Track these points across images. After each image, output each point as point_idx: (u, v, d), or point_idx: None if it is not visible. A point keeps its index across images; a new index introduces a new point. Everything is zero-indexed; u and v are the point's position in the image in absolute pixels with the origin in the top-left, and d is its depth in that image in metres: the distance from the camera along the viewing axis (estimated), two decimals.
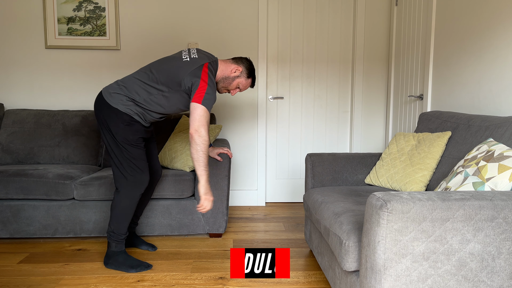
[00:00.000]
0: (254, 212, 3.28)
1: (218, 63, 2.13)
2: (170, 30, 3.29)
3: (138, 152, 2.06)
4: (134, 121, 2.04)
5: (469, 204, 1.19)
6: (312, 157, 2.34)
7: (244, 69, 2.16)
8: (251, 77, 2.19)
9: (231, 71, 2.13)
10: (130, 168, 2.05)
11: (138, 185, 2.08)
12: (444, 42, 2.56)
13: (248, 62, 2.18)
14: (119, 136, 2.01)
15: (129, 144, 2.03)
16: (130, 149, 2.03)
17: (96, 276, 2.05)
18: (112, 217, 2.10)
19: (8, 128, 3.00)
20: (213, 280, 2.02)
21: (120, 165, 2.04)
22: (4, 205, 2.45)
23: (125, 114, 2.01)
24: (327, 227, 1.68)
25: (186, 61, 2.03)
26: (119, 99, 2.01)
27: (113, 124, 2.00)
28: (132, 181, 2.06)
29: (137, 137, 2.05)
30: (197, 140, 1.91)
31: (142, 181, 2.09)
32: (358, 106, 3.50)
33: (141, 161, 2.07)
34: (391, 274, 1.21)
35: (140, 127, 2.06)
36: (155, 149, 2.35)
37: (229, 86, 2.17)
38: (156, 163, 2.35)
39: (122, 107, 2.00)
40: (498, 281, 1.23)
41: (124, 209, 2.09)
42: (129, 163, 2.04)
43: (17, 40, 3.22)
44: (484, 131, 1.80)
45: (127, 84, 2.04)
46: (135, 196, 2.09)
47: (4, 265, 2.18)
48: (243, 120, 3.44)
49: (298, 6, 3.42)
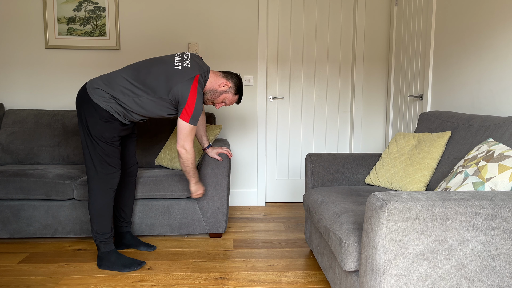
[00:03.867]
0: (254, 212, 3.28)
1: (209, 74, 2.14)
2: (170, 30, 3.29)
3: (111, 150, 2.06)
4: (113, 119, 2.03)
5: (469, 204, 1.19)
6: (312, 157, 2.34)
7: (233, 85, 2.17)
8: (238, 94, 2.21)
9: (219, 85, 2.14)
10: (101, 164, 2.05)
11: (108, 181, 2.08)
12: (444, 42, 2.56)
13: (238, 78, 2.20)
14: (95, 131, 2.01)
15: (104, 141, 2.03)
16: (103, 146, 2.04)
17: (96, 276, 2.05)
18: (91, 218, 2.10)
19: (8, 128, 3.00)
20: (213, 280, 2.02)
21: (91, 160, 2.05)
22: (4, 205, 2.45)
23: (105, 110, 2.00)
24: (327, 227, 1.68)
25: (177, 70, 2.01)
26: (102, 96, 2.00)
27: (91, 119, 2.00)
28: (103, 177, 2.06)
29: (113, 135, 2.05)
30: (183, 156, 2.12)
31: (113, 177, 2.09)
32: (358, 106, 3.50)
33: (113, 158, 2.08)
34: (391, 274, 1.21)
35: (118, 125, 2.06)
36: (133, 145, 2.33)
37: (215, 99, 2.18)
38: (131, 159, 2.34)
39: (103, 103, 2.00)
40: (498, 281, 1.23)
41: (100, 207, 2.08)
42: (100, 159, 2.04)
43: (17, 40, 3.22)
44: (484, 131, 1.80)
45: (112, 82, 2.03)
46: (108, 193, 2.09)
47: (4, 265, 2.18)
48: (243, 120, 3.44)
49: (298, 6, 3.42)
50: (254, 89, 3.41)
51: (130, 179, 2.36)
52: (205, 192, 2.53)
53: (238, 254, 2.37)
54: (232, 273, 2.11)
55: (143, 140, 3.00)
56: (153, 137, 3.01)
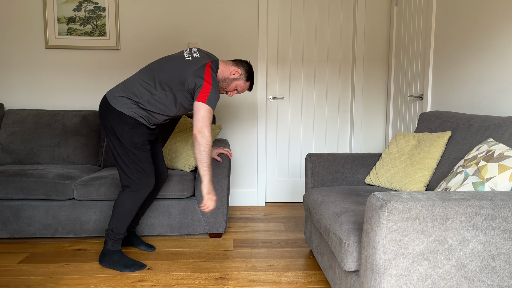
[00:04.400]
0: (254, 212, 3.28)
1: (219, 63, 2.14)
2: (170, 30, 3.29)
3: (144, 155, 2.06)
4: (139, 124, 2.04)
5: (469, 204, 1.19)
6: (312, 157, 2.34)
7: (244, 72, 2.17)
8: (250, 80, 2.21)
9: (230, 73, 2.14)
10: (136, 171, 2.05)
11: (143, 188, 2.08)
12: (444, 42, 2.56)
13: (248, 65, 2.19)
14: (124, 139, 2.01)
15: (135, 147, 2.03)
16: (136, 152, 2.03)
17: (96, 276, 2.05)
18: (113, 215, 2.10)
19: (8, 128, 3.00)
20: (213, 280, 2.02)
21: (126, 168, 2.04)
22: (4, 205, 2.45)
23: (129, 117, 2.01)
24: (327, 227, 1.68)
25: (188, 60, 2.04)
26: (124, 102, 2.01)
27: (118, 128, 2.00)
28: (138, 183, 2.06)
29: (142, 140, 2.05)
30: (201, 141, 1.95)
31: (147, 184, 2.09)
32: (358, 106, 3.50)
33: (147, 163, 2.07)
34: (391, 274, 1.21)
35: (145, 129, 2.06)
36: (161, 151, 2.35)
37: (228, 87, 2.18)
38: (162, 164, 2.34)
39: (126, 110, 2.01)
40: (498, 281, 1.23)
41: (127, 210, 2.09)
42: (135, 166, 2.04)
43: (17, 40, 3.22)
44: (484, 131, 1.80)
45: (129, 86, 2.04)
46: (140, 198, 2.10)
47: (4, 265, 2.18)
48: (243, 120, 3.44)
49: (298, 6, 3.42)
50: (254, 89, 3.41)
51: (158, 186, 2.37)
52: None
53: (238, 254, 2.37)
54: (232, 273, 2.11)
55: None
56: None
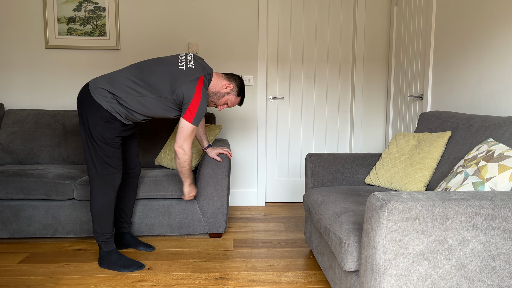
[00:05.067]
0: (254, 212, 3.28)
1: (212, 75, 2.14)
2: (170, 30, 3.29)
3: (112, 151, 2.05)
4: (114, 119, 2.02)
5: (469, 204, 1.19)
6: (312, 157, 2.34)
7: (235, 87, 2.18)
8: (241, 95, 2.21)
9: (222, 87, 2.14)
10: (102, 165, 2.04)
11: (110, 182, 2.07)
12: (444, 42, 2.56)
13: (239, 80, 2.20)
14: (95, 132, 1.99)
15: (104, 142, 2.02)
16: (104, 147, 2.02)
17: (96, 276, 2.05)
18: (92, 218, 2.10)
19: (8, 128, 3.00)
20: (213, 280, 2.02)
21: (92, 161, 2.04)
22: (4, 205, 2.45)
23: (106, 110, 1.99)
24: (327, 227, 1.68)
25: (182, 70, 2.01)
26: (104, 95, 1.99)
27: (92, 119, 1.99)
28: (104, 178, 2.05)
29: (113, 136, 2.03)
30: (181, 156, 2.09)
31: (113, 178, 2.08)
32: (358, 106, 3.50)
33: (114, 159, 2.06)
34: (391, 274, 1.21)
35: (118, 125, 2.04)
36: (135, 146, 2.32)
37: (218, 101, 2.19)
38: (133, 160, 2.32)
39: (105, 103, 1.98)
40: (498, 281, 1.23)
41: (102, 208, 2.08)
42: (101, 160, 2.03)
43: (17, 40, 3.22)
44: (484, 131, 1.80)
45: (115, 81, 2.01)
46: (110, 193, 2.08)
47: (4, 265, 2.18)
48: (243, 120, 3.44)
49: (298, 6, 3.42)
50: (254, 89, 3.41)
51: (133, 181, 2.35)
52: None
53: (238, 254, 2.37)
54: (232, 273, 2.11)
55: (143, 140, 3.00)
56: (153, 137, 3.01)
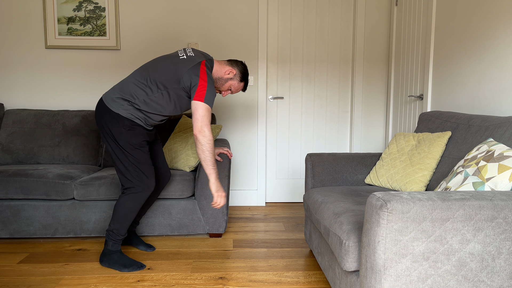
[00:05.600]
0: (254, 212, 3.28)
1: (214, 62, 2.14)
2: (170, 30, 3.29)
3: (143, 156, 2.05)
4: (136, 125, 2.03)
5: (469, 204, 1.19)
6: (312, 157, 2.34)
7: (238, 72, 2.17)
8: (244, 81, 2.21)
9: (225, 73, 2.14)
10: (136, 173, 2.04)
11: (144, 190, 2.08)
12: (444, 42, 2.56)
13: (243, 66, 2.19)
14: (122, 141, 2.00)
15: (133, 148, 2.02)
16: (134, 154, 2.02)
17: (96, 276, 2.05)
18: (114, 216, 2.10)
19: (8, 128, 3.00)
20: (213, 280, 2.02)
21: (125, 171, 2.03)
22: (4, 205, 2.45)
23: (126, 118, 2.00)
24: (327, 227, 1.68)
25: (183, 59, 2.03)
26: (120, 104, 2.01)
27: (116, 130, 1.99)
28: (138, 186, 2.05)
29: (140, 141, 2.04)
30: (202, 140, 1.96)
31: (148, 186, 2.08)
32: (358, 106, 3.50)
33: (146, 165, 2.06)
34: (391, 274, 1.21)
35: (142, 130, 2.06)
36: (161, 151, 2.33)
37: (221, 87, 2.18)
38: (163, 165, 2.33)
39: (123, 112, 2.00)
40: (498, 281, 1.23)
41: (128, 211, 2.09)
42: (134, 168, 2.03)
43: (17, 40, 3.22)
44: (484, 131, 1.80)
45: (125, 88, 2.03)
46: (141, 200, 2.09)
47: (4, 265, 2.18)
48: (243, 120, 3.44)
49: (298, 6, 3.42)
50: (254, 89, 3.41)
51: (160, 186, 2.36)
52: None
53: (238, 254, 2.37)
54: (232, 273, 2.11)
55: None
56: None
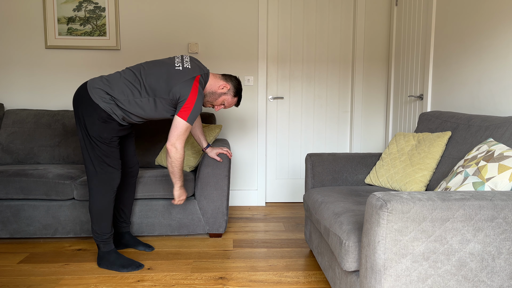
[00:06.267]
0: (254, 212, 3.28)
1: (209, 76, 2.14)
2: (170, 30, 3.29)
3: (110, 150, 2.06)
4: (111, 119, 2.03)
5: (469, 204, 1.19)
6: (312, 157, 2.34)
7: (232, 87, 2.18)
8: (237, 96, 2.22)
9: (218, 87, 2.15)
10: (100, 165, 2.05)
11: (109, 182, 2.08)
12: (444, 42, 2.56)
13: (237, 81, 2.20)
14: (93, 131, 2.00)
15: (102, 142, 2.02)
16: (102, 147, 2.03)
17: (96, 276, 2.05)
18: (91, 218, 2.11)
19: (8, 128, 3.00)
20: (213, 280, 2.02)
21: (90, 161, 2.04)
22: (4, 205, 2.45)
23: (103, 111, 1.99)
24: (327, 227, 1.68)
25: (178, 70, 2.03)
26: (102, 96, 2.00)
27: (89, 119, 1.99)
28: (103, 177, 2.06)
29: (111, 136, 2.04)
30: (172, 155, 2.05)
31: (113, 178, 2.09)
32: (358, 106, 3.50)
33: (113, 159, 2.07)
34: (391, 274, 1.21)
35: (116, 125, 2.06)
36: (132, 145, 2.33)
37: (214, 101, 2.19)
38: (131, 159, 2.33)
39: (102, 104, 1.99)
40: (498, 281, 1.23)
41: (101, 208, 2.09)
42: (100, 160, 2.04)
43: (17, 40, 3.22)
44: (484, 131, 1.80)
45: (112, 82, 2.02)
46: (109, 193, 2.09)
47: (4, 265, 2.18)
48: (243, 120, 3.44)
49: (298, 6, 3.42)
50: (254, 89, 3.41)
51: (131, 180, 2.36)
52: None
53: (238, 254, 2.37)
54: (232, 273, 2.11)
55: (143, 140, 3.00)
56: (153, 137, 3.01)
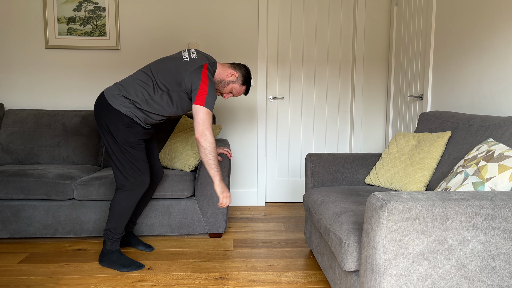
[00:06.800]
0: (254, 212, 3.28)
1: (217, 65, 2.15)
2: (170, 30, 3.29)
3: (139, 154, 2.07)
4: (134, 123, 2.05)
5: (469, 204, 1.19)
6: (312, 157, 2.34)
7: (240, 76, 2.18)
8: (246, 84, 2.21)
9: (227, 75, 2.15)
10: (131, 169, 2.06)
11: (139, 186, 2.09)
12: (444, 42, 2.56)
13: (245, 69, 2.20)
14: (119, 137, 2.02)
15: (130, 145, 2.04)
16: (131, 151, 2.04)
17: (96, 276, 2.05)
18: (110, 215, 2.11)
19: (8, 128, 3.00)
20: (213, 280, 2.02)
21: (121, 167, 2.05)
22: (4, 205, 2.45)
23: (125, 116, 2.02)
24: (327, 227, 1.68)
25: (186, 61, 2.05)
26: (121, 101, 2.02)
27: (114, 126, 2.01)
28: (133, 182, 2.07)
29: (137, 139, 2.06)
30: (204, 144, 1.97)
31: (143, 183, 2.10)
32: (358, 106, 3.50)
33: (142, 162, 2.09)
34: (391, 274, 1.21)
35: (140, 128, 2.07)
36: (156, 149, 2.35)
37: (223, 90, 2.19)
38: (157, 163, 2.35)
39: (124, 109, 2.02)
40: (498, 281, 1.23)
41: (123, 209, 2.10)
42: (130, 165, 2.05)
43: (17, 40, 3.22)
44: (484, 131, 1.80)
45: (127, 86, 2.05)
46: (135, 197, 2.10)
47: (4, 265, 2.18)
48: (243, 120, 3.44)
49: (298, 6, 3.42)
50: (254, 89, 3.41)
51: (153, 185, 2.38)
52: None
53: (238, 254, 2.37)
54: (232, 273, 2.11)
55: None
56: None
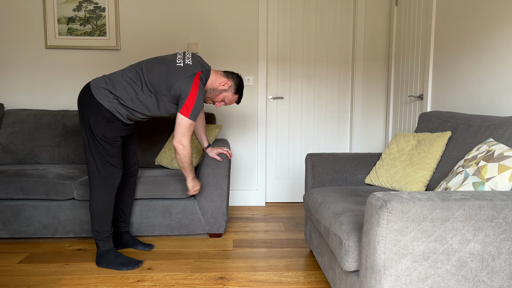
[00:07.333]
0: (254, 212, 3.28)
1: (210, 73, 2.14)
2: (170, 30, 3.29)
3: (113, 150, 2.07)
4: (115, 119, 2.04)
5: (469, 204, 1.19)
6: (312, 157, 2.34)
7: (233, 85, 2.18)
8: (238, 93, 2.22)
9: (220, 84, 2.15)
10: (103, 164, 2.06)
11: (110, 181, 2.09)
12: (444, 42, 2.56)
13: (238, 78, 2.21)
14: (97, 131, 2.02)
15: (106, 141, 2.04)
16: (106, 146, 2.04)
17: (96, 276, 2.05)
18: (92, 217, 2.11)
19: (8, 128, 3.00)
20: (213, 280, 2.02)
21: (93, 160, 2.06)
22: (4, 205, 2.45)
23: (107, 110, 2.01)
24: (327, 227, 1.68)
25: (179, 66, 2.03)
26: (106, 95, 2.01)
27: (93, 119, 2.01)
28: (105, 177, 2.07)
29: (115, 135, 2.06)
30: (180, 151, 2.09)
31: (114, 177, 2.10)
32: (358, 106, 3.50)
33: (115, 158, 2.09)
34: (391, 274, 1.21)
35: (120, 125, 2.07)
36: (134, 144, 2.34)
37: (215, 98, 2.20)
38: (132, 158, 2.35)
39: (107, 103, 2.01)
40: (498, 281, 1.23)
41: (101, 206, 2.10)
42: (103, 159, 2.05)
43: (17, 40, 3.22)
44: (484, 131, 1.80)
45: (114, 81, 2.04)
46: (109, 192, 2.10)
47: (4, 265, 2.18)
48: (243, 120, 3.44)
49: (298, 6, 3.42)
50: (254, 89, 3.41)
51: (131, 179, 2.36)
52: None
53: (238, 254, 2.37)
54: (232, 273, 2.11)
55: (143, 140, 3.00)
56: (153, 137, 3.01)
